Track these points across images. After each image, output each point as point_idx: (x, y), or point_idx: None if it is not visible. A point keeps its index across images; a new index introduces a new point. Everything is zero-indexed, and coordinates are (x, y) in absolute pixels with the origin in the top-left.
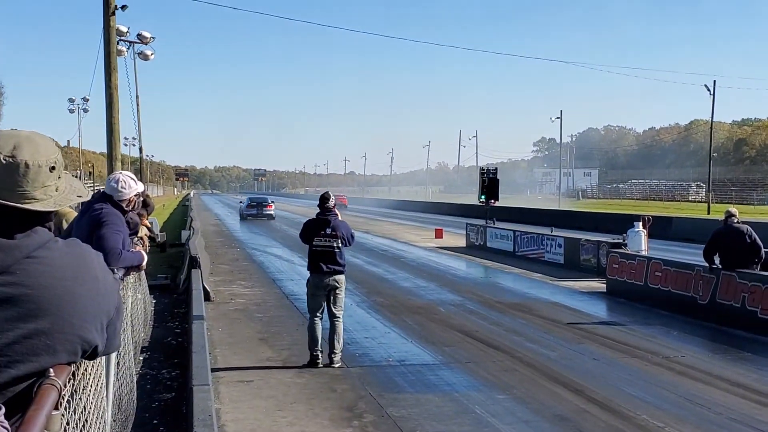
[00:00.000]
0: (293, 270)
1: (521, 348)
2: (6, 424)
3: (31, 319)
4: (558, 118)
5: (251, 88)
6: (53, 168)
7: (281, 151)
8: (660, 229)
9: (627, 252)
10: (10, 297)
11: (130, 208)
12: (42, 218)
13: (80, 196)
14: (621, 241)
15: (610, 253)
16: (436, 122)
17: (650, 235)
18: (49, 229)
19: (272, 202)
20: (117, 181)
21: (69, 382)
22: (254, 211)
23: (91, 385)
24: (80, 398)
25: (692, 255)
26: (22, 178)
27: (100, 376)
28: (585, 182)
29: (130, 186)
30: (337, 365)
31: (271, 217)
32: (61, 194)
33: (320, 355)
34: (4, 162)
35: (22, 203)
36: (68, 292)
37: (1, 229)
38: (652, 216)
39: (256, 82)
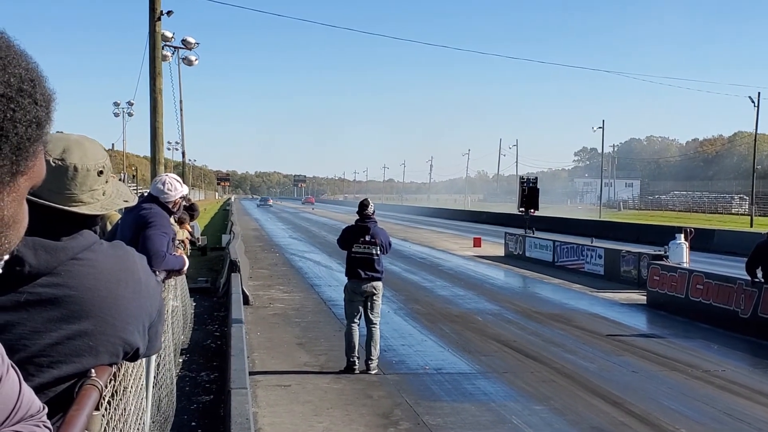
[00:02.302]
0: (331, 276)
1: (559, 359)
2: (49, 423)
3: (75, 321)
4: (600, 127)
5: (293, 94)
6: (101, 172)
7: (321, 158)
8: (702, 241)
9: (668, 264)
10: (54, 298)
11: (175, 210)
12: (89, 222)
13: (126, 201)
14: (662, 253)
15: (651, 264)
16: (476, 130)
17: (692, 248)
18: (95, 233)
19: (271, 199)
20: (163, 183)
21: (110, 383)
22: (263, 203)
23: (131, 387)
24: (120, 399)
25: (734, 268)
26: (71, 182)
27: (140, 378)
28: (626, 193)
29: (176, 188)
30: (373, 372)
31: (270, 206)
32: (108, 198)
33: (357, 362)
34: (53, 165)
35: (69, 206)
36: (111, 294)
37: (48, 231)
38: (694, 228)
39: (297, 89)
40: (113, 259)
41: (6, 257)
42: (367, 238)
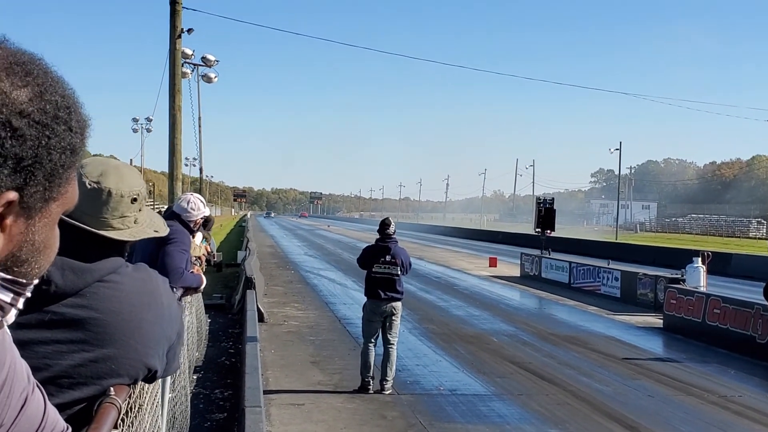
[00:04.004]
0: (346, 294)
1: (575, 382)
2: None
3: (98, 344)
4: (617, 149)
5: (310, 111)
6: (135, 200)
7: (337, 175)
8: (719, 265)
9: (685, 288)
10: (78, 319)
11: (195, 228)
12: (118, 248)
13: (157, 231)
14: (679, 276)
15: (668, 288)
16: (492, 150)
17: (709, 271)
18: (123, 257)
19: (274, 213)
20: (188, 202)
21: (126, 400)
22: (267, 216)
23: (147, 404)
24: (135, 416)
25: (752, 293)
26: (103, 205)
27: (156, 395)
28: (643, 215)
29: (199, 208)
30: (387, 392)
31: (272, 217)
32: (138, 227)
33: (371, 381)
34: (89, 186)
35: (98, 229)
36: (135, 318)
37: (77, 252)
38: (711, 252)
39: (315, 107)
40: (138, 282)
41: (36, 281)
42: (388, 258)
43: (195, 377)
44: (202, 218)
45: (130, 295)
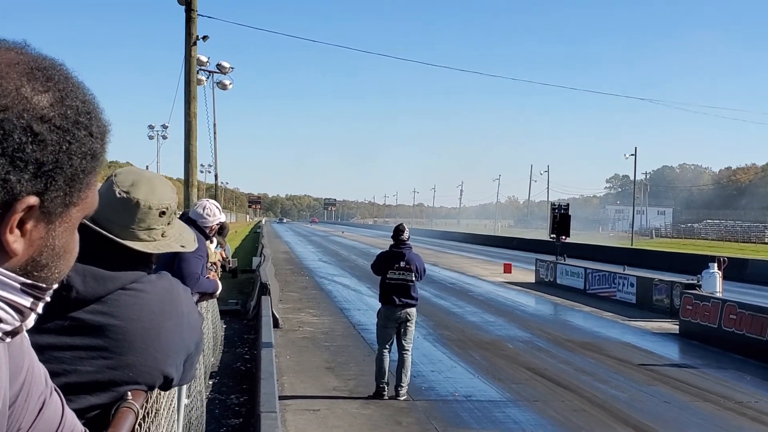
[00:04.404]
0: (361, 300)
1: (590, 388)
2: None
3: (117, 351)
4: (632, 154)
5: (324, 118)
6: (163, 213)
7: (351, 181)
8: (735, 271)
9: (701, 293)
10: (98, 326)
11: (211, 234)
12: (143, 260)
13: (183, 247)
14: (695, 282)
15: (684, 294)
16: (507, 156)
17: (725, 277)
18: (149, 270)
19: (287, 219)
20: (203, 208)
21: (143, 405)
22: (281, 222)
23: (163, 409)
24: (152, 421)
25: None
26: (131, 216)
27: (173, 400)
28: (659, 221)
29: (215, 214)
30: (402, 398)
31: (284, 222)
32: (165, 240)
33: (386, 387)
34: (118, 196)
35: (124, 239)
36: (155, 327)
37: (101, 260)
38: (727, 257)
39: (329, 113)
40: (160, 290)
41: (55, 286)
42: (402, 264)
43: (211, 383)
44: (217, 224)
45: (151, 303)
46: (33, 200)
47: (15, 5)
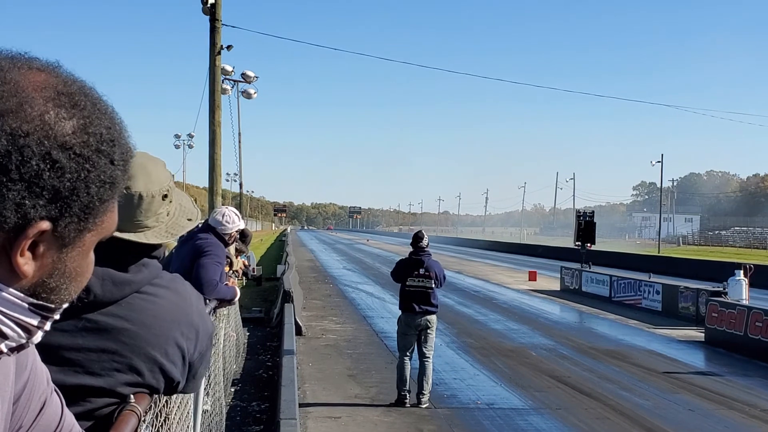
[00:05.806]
0: (384, 308)
1: (614, 396)
2: None
3: (126, 354)
4: (659, 161)
5: (349, 127)
6: (166, 196)
7: (377, 189)
8: (762, 278)
9: (727, 301)
10: (111, 328)
11: (231, 242)
12: (153, 248)
13: (190, 219)
14: (721, 289)
15: (710, 301)
16: (532, 163)
17: (752, 284)
18: (159, 258)
19: (309, 226)
20: (222, 215)
21: (150, 409)
22: (304, 229)
23: (174, 415)
24: (161, 424)
25: None
26: (136, 209)
27: (187, 405)
28: (686, 228)
29: (234, 221)
30: (424, 405)
31: (306, 230)
32: (171, 219)
33: (408, 395)
34: None
35: (134, 231)
36: (164, 334)
37: (115, 260)
38: (754, 264)
39: (354, 121)
40: (173, 297)
41: (65, 306)
42: (422, 271)
43: (233, 390)
44: (237, 231)
45: (164, 309)
46: (45, 225)
47: (43, 17)
